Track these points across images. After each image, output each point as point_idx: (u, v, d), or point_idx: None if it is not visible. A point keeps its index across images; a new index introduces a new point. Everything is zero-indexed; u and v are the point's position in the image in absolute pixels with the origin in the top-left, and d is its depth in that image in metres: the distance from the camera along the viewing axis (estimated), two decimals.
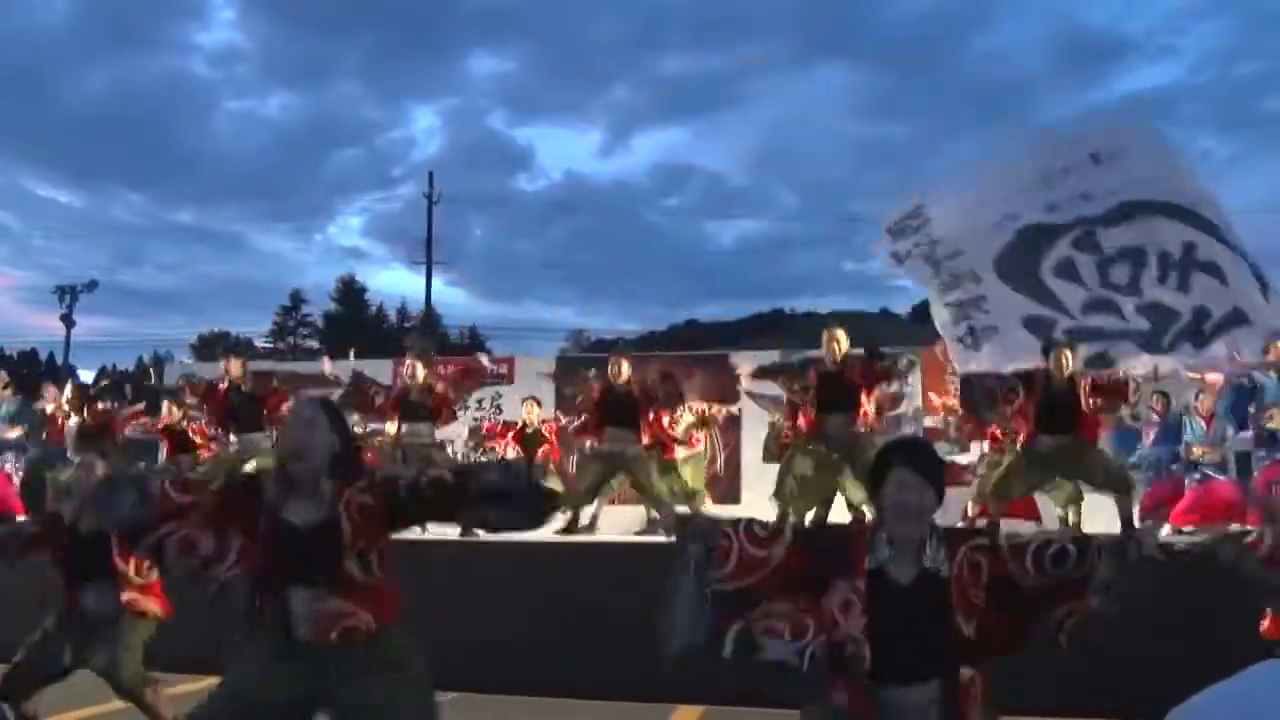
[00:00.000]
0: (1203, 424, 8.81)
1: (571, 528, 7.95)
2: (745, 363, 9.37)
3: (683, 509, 8.08)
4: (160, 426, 9.69)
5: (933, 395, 11.17)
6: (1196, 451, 8.70)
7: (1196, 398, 9.01)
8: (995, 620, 2.59)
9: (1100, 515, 7.65)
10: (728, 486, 11.40)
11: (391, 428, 8.63)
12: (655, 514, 8.57)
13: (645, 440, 8.31)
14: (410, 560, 3.15)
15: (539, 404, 10.53)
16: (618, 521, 9.10)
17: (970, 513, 8.19)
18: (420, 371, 8.77)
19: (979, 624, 2.57)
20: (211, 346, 39.54)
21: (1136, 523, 6.97)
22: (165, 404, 9.87)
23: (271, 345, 42.30)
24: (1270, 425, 8.05)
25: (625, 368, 8.33)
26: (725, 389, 11.57)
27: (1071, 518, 8.40)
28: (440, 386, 8.81)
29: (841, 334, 7.71)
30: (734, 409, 11.33)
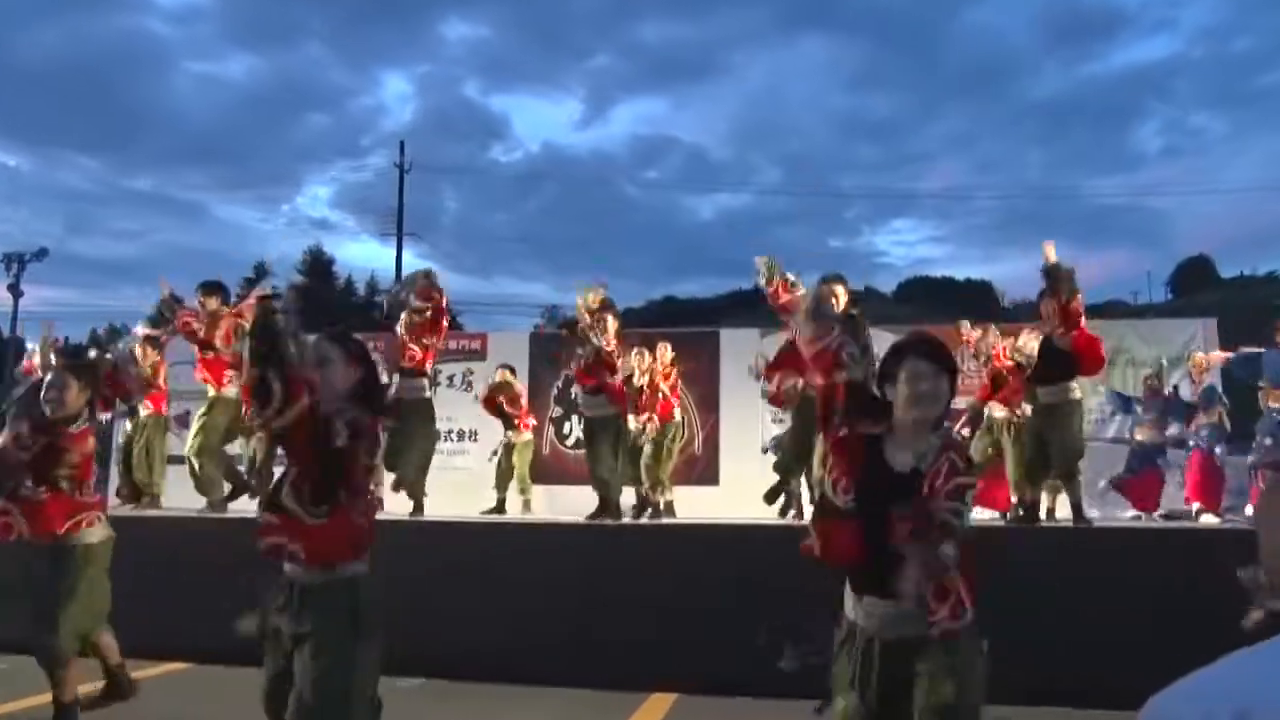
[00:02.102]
0: (1192, 386, 8.98)
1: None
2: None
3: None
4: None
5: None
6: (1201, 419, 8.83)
7: (1188, 360, 9.19)
8: None
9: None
10: (706, 466, 11.42)
11: None
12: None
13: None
14: (380, 542, 3.12)
15: (513, 372, 10.43)
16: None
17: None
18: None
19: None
20: (168, 320, 39.06)
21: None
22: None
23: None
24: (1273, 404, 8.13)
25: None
26: (707, 368, 11.59)
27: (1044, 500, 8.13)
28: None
29: (840, 289, 7.07)
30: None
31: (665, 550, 6.66)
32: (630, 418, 8.60)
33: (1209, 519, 8.32)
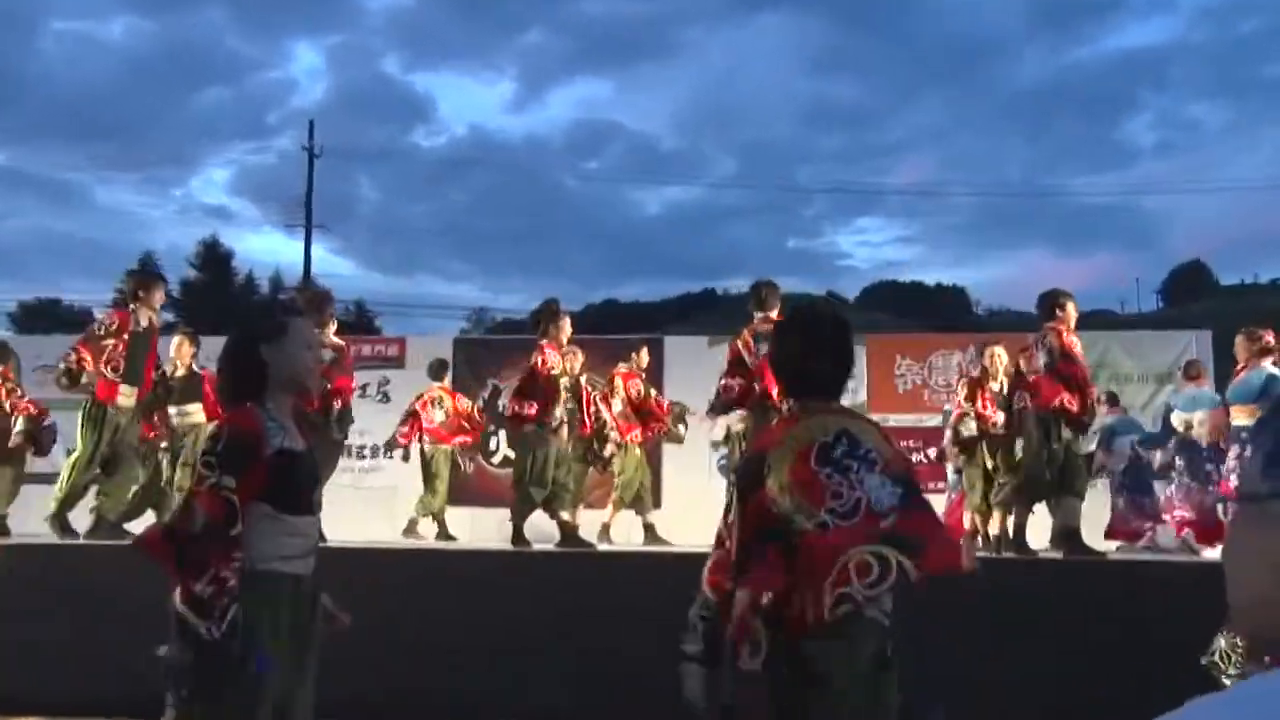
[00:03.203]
0: (1192, 387, 9.09)
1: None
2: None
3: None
4: None
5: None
6: (1183, 421, 8.94)
7: (1187, 367, 9.35)
8: None
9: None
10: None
11: None
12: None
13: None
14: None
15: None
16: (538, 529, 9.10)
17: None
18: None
19: None
20: (35, 317, 38.45)
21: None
22: None
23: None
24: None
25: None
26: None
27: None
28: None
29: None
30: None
31: (608, 580, 6.71)
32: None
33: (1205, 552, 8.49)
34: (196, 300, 40.07)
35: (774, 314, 7.52)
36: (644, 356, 10.17)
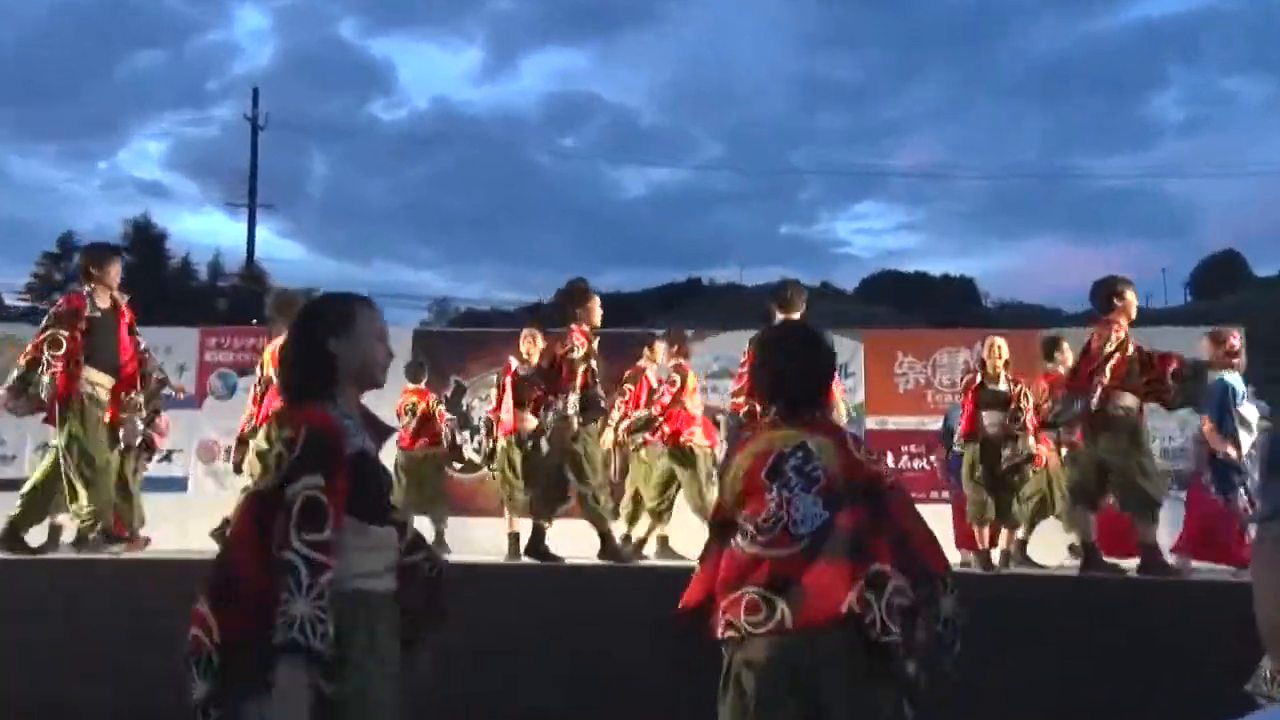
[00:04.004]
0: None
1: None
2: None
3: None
4: None
5: None
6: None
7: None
8: None
9: None
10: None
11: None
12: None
13: None
14: None
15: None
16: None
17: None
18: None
19: None
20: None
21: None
22: None
23: (30, 305, 39.96)
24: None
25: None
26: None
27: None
28: None
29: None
30: None
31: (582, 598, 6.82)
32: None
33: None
34: (124, 286, 39.49)
35: (797, 316, 7.63)
36: (659, 352, 9.93)
